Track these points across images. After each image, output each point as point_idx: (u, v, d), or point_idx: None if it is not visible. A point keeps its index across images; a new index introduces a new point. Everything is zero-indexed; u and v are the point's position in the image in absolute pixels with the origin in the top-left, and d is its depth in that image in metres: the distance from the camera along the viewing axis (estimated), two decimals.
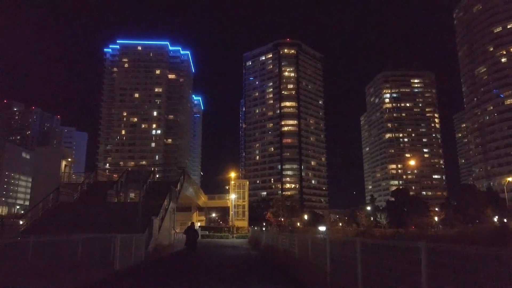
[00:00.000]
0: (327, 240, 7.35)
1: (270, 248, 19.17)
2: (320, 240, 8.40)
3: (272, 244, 19.19)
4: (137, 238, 14.55)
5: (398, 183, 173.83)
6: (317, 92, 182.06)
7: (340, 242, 6.95)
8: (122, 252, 12.01)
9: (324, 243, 7.51)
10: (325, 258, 7.33)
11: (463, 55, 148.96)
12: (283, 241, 14.69)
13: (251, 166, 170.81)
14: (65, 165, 35.01)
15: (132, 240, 13.56)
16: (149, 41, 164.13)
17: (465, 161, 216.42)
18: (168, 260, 18.71)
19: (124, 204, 28.08)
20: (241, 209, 66.43)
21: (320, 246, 8.04)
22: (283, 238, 15.15)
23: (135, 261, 13.99)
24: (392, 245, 4.73)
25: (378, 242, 5.18)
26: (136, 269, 13.09)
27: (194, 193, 47.97)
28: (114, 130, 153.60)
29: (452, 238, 33.14)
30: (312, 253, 8.88)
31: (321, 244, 7.94)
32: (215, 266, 15.93)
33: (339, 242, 7.02)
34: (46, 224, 21.95)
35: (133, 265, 13.37)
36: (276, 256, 15.51)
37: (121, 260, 11.85)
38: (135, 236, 14.18)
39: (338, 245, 6.89)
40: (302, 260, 9.76)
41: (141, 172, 31.78)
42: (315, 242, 8.86)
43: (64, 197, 26.55)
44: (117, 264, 11.47)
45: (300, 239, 11.01)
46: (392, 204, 76.53)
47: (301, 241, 10.79)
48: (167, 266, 15.51)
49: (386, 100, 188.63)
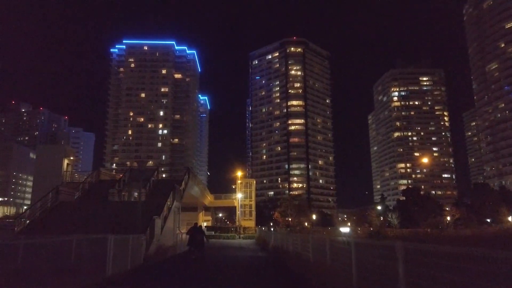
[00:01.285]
0: (353, 243, 6.06)
1: (279, 250, 17.86)
2: (341, 243, 7.08)
3: (281, 246, 17.86)
4: (134, 239, 13.32)
5: (407, 183, 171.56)
6: (324, 91, 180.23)
7: (371, 246, 5.64)
8: (117, 255, 10.83)
9: (348, 247, 6.22)
10: (349, 265, 6.04)
11: (473, 51, 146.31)
12: (295, 243, 13.35)
13: (258, 165, 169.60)
14: (67, 163, 34.08)
15: (128, 242, 12.35)
16: (155, 41, 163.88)
17: (475, 159, 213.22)
18: (170, 263, 17.49)
19: (126, 203, 26.99)
20: (248, 208, 65.17)
21: (342, 250, 6.73)
22: (294, 240, 13.80)
23: (133, 265, 12.76)
24: (462, 253, 3.42)
25: (429, 248, 3.93)
26: (131, 274, 11.85)
27: (200, 193, 46.89)
28: (121, 130, 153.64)
29: (486, 239, 30.63)
30: (331, 258, 7.60)
31: (343, 248, 6.63)
32: (220, 270, 14.70)
33: (369, 246, 5.71)
34: (43, 225, 20.96)
35: (129, 270, 12.13)
36: (286, 258, 14.20)
37: (114, 264, 10.64)
38: (132, 237, 12.95)
39: (368, 249, 5.59)
40: (318, 265, 8.47)
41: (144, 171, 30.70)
42: (336, 246, 7.53)
43: (65, 196, 25.54)
44: (110, 269, 10.26)
45: (316, 241, 9.66)
46: (403, 204, 74.72)
47: (316, 243, 9.44)
48: (167, 271, 14.27)
49: (395, 99, 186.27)
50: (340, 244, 7.18)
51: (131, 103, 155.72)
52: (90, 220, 22.15)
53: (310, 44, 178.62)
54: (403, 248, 4.32)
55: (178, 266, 16.84)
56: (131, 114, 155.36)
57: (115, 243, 10.63)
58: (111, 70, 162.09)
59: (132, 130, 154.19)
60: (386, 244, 5.01)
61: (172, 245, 24.09)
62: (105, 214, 23.17)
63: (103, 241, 10.13)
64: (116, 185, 28.31)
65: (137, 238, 14.03)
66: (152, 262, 16.39)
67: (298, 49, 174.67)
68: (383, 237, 34.04)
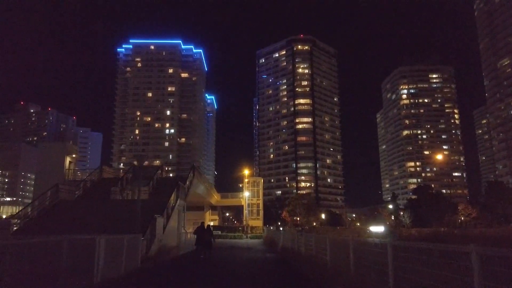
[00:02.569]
0: (390, 246, 4.72)
1: (289, 251, 16.49)
2: (372, 245, 5.72)
3: (291, 247, 16.48)
4: (130, 239, 12.09)
5: (416, 181, 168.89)
6: (332, 89, 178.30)
7: (421, 251, 4.28)
8: (108, 258, 9.62)
9: (382, 251, 4.89)
10: (383, 275, 4.74)
11: (484, 47, 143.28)
12: (308, 244, 11.97)
13: (265, 165, 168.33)
14: (69, 161, 33.17)
15: (122, 243, 11.15)
16: (162, 40, 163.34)
17: (486, 158, 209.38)
18: (172, 265, 16.24)
19: (129, 202, 25.91)
20: (256, 207, 63.89)
21: (372, 255, 5.40)
22: (307, 240, 12.37)
23: (128, 269, 11.50)
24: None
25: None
26: (124, 280, 10.53)
27: (206, 191, 45.77)
28: (128, 129, 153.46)
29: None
30: (355, 264, 6.29)
31: (375, 252, 5.30)
32: (225, 273, 13.44)
33: (417, 251, 4.34)
34: (41, 224, 19.96)
35: (123, 274, 10.84)
36: (298, 260, 12.82)
37: (105, 268, 9.41)
38: (128, 238, 11.72)
39: (415, 254, 4.24)
40: (338, 271, 7.14)
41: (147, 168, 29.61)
42: (363, 249, 6.16)
43: (65, 194, 24.56)
44: (98, 275, 9.04)
45: (335, 242, 8.29)
46: (415, 202, 72.84)
47: (335, 245, 8.09)
48: (168, 274, 13.01)
49: (404, 96, 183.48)
50: (369, 246, 5.86)
51: (138, 103, 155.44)
52: (90, 219, 21.11)
53: (317, 42, 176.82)
54: (477, 254, 3.01)
55: (180, 268, 15.62)
56: (138, 114, 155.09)
57: (107, 245, 9.44)
58: (118, 69, 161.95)
59: (139, 129, 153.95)
60: (451, 248, 3.66)
61: (176, 245, 22.93)
62: (106, 213, 22.11)
63: (91, 242, 8.93)
64: (119, 183, 27.27)
65: (133, 239, 12.80)
66: (152, 264, 15.19)
67: (305, 47, 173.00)
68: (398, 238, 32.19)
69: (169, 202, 22.87)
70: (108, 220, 20.60)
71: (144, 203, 24.22)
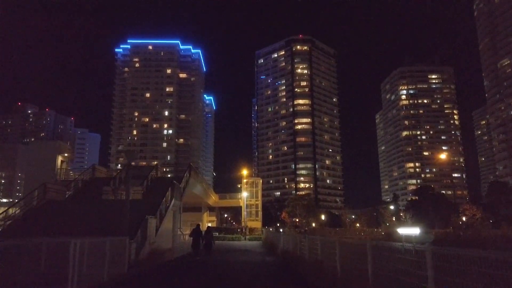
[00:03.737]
0: (430, 252, 3.59)
1: (291, 254, 15.25)
2: (400, 251, 4.56)
3: (293, 250, 15.23)
4: (114, 243, 10.90)
5: (416, 182, 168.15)
6: (331, 89, 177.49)
7: (469, 259, 3.07)
8: (88, 264, 8.48)
9: (416, 259, 3.77)
10: None
11: (484, 48, 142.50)
12: (313, 247, 10.69)
13: (264, 165, 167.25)
14: (61, 160, 31.99)
15: (105, 246, 9.98)
16: (160, 40, 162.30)
17: (485, 159, 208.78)
18: (163, 270, 15.01)
19: (121, 202, 24.71)
20: (254, 208, 62.71)
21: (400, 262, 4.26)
22: (312, 243, 11.05)
23: (112, 276, 10.29)
24: None
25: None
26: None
27: (203, 191, 44.61)
28: (126, 130, 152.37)
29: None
30: (375, 273, 5.15)
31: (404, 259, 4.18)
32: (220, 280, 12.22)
33: (461, 258, 3.13)
34: (25, 226, 18.79)
35: (105, 282, 9.64)
36: (301, 266, 11.48)
37: (83, 276, 8.27)
38: (111, 241, 10.53)
39: (461, 263, 3.06)
40: (351, 282, 5.98)
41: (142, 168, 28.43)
42: (384, 256, 5.01)
43: (54, 194, 23.39)
44: (74, 283, 7.89)
45: (346, 246, 7.07)
46: (416, 203, 71.80)
47: (348, 250, 6.88)
48: (156, 282, 11.83)
49: (403, 97, 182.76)
50: (396, 253, 4.73)
51: (136, 103, 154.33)
52: (79, 220, 19.97)
53: (317, 42, 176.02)
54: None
55: (172, 273, 14.42)
56: (136, 114, 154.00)
57: (84, 249, 8.30)
58: (116, 70, 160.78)
59: (137, 130, 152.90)
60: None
61: (170, 248, 21.78)
62: (97, 214, 20.96)
63: (64, 247, 7.79)
64: (111, 183, 26.09)
65: (118, 242, 11.62)
66: (142, 269, 14.02)
67: (304, 47, 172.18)
68: (399, 239, 30.35)
69: (162, 202, 21.74)
70: (98, 222, 19.47)
71: (137, 203, 23.09)
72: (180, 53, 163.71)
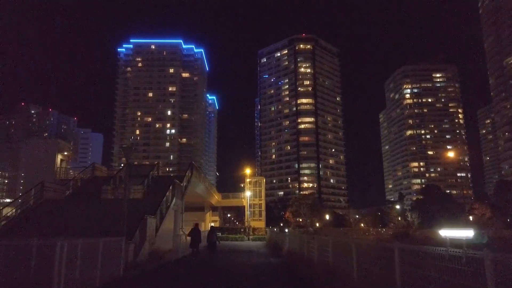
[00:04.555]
0: (490, 260, 2.77)
1: (297, 256, 14.35)
2: (441, 258, 3.73)
3: (300, 251, 14.38)
4: (109, 244, 10.14)
5: (420, 182, 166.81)
6: (334, 88, 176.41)
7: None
8: (77, 268, 7.74)
9: (474, 269, 2.96)
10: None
11: (489, 45, 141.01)
12: (323, 249, 9.78)
13: (267, 165, 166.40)
14: (61, 159, 31.35)
15: (97, 248, 9.22)
16: (163, 40, 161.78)
17: (490, 158, 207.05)
18: (162, 273, 14.25)
19: (121, 201, 24.04)
20: (258, 208, 61.90)
21: (441, 272, 3.47)
22: (322, 245, 10.11)
23: (105, 279, 9.52)
24: None
25: None
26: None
27: (206, 191, 43.88)
28: (128, 130, 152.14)
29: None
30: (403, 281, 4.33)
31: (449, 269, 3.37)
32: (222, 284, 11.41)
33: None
34: (20, 226, 18.10)
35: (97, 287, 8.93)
36: (309, 270, 10.43)
37: (72, 281, 7.51)
38: (105, 242, 9.77)
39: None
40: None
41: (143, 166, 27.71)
42: (417, 262, 4.16)
43: (51, 193, 22.71)
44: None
45: (365, 249, 6.19)
46: (422, 203, 70.73)
47: (366, 254, 6.00)
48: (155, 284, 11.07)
49: (407, 96, 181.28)
50: (438, 260, 3.91)
51: (139, 103, 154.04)
52: (77, 220, 19.28)
53: (320, 41, 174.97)
54: None
55: (170, 276, 13.64)
56: (138, 114, 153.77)
57: (73, 252, 7.55)
58: (118, 69, 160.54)
59: (140, 130, 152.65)
60: None
61: (171, 248, 21.03)
62: (95, 214, 20.27)
63: (49, 250, 7.04)
64: (111, 182, 25.39)
65: (113, 243, 10.85)
66: (140, 271, 13.26)
67: (307, 46, 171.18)
68: (410, 241, 28.42)
69: (163, 201, 21.00)
70: (96, 222, 18.77)
71: (137, 202, 22.38)
72: (183, 53, 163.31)
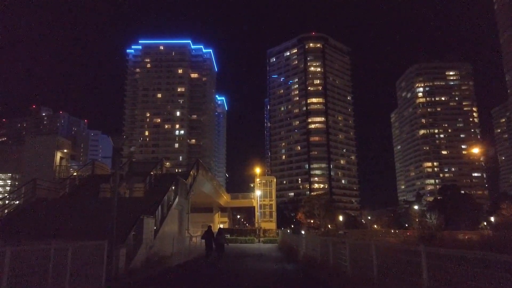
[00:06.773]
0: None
1: (318, 264, 11.92)
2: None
3: (321, 258, 12.05)
4: (83, 250, 8.11)
5: (434, 182, 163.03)
6: (345, 88, 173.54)
7: None
8: (32, 281, 5.80)
9: None
10: None
11: (505, 41, 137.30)
12: (360, 257, 7.42)
13: (277, 166, 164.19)
14: (60, 157, 29.66)
15: (65, 256, 7.18)
16: (171, 40, 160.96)
17: (506, 158, 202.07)
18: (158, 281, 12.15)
19: (122, 200, 22.22)
20: (268, 209, 59.80)
21: None
22: (355, 248, 7.73)
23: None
24: None
25: None
26: None
27: (214, 190, 41.98)
28: (138, 131, 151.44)
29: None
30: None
31: None
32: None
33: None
34: (5, 227, 16.34)
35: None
36: (334, 279, 8.52)
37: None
38: (77, 247, 7.73)
39: None
40: None
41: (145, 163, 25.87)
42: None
43: (45, 192, 21.02)
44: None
45: (437, 257, 4.08)
46: (440, 203, 67.82)
47: (438, 264, 3.92)
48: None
49: (419, 94, 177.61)
50: None
51: (148, 104, 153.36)
52: (70, 221, 17.48)
53: (330, 40, 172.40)
54: None
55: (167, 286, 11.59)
56: (147, 115, 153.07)
57: (25, 261, 5.62)
58: (127, 71, 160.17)
59: (149, 131, 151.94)
60: None
61: (174, 252, 19.06)
62: (91, 214, 18.45)
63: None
64: (111, 180, 23.57)
65: (91, 248, 8.83)
66: (130, 281, 11.27)
67: (317, 44, 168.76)
68: (438, 244, 26.09)
69: (164, 200, 19.08)
70: (90, 222, 16.93)
71: (138, 201, 20.56)
72: (191, 53, 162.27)
